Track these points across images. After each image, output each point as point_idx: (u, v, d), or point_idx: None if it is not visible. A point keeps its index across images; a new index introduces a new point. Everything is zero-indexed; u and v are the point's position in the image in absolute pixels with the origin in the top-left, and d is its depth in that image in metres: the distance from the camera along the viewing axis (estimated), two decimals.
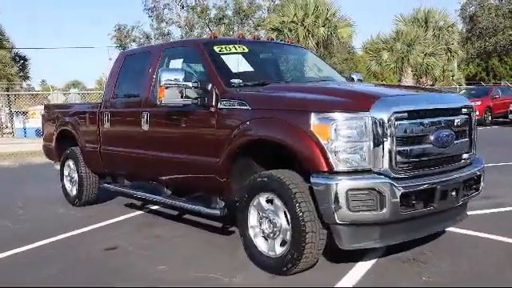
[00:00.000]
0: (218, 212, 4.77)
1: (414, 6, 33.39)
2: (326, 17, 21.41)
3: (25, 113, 27.03)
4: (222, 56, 5.09)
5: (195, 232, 5.72)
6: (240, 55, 5.19)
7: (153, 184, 6.01)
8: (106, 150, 6.37)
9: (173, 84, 4.65)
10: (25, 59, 33.92)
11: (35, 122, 29.15)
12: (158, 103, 4.74)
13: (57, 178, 9.44)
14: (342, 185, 3.69)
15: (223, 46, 5.21)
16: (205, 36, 36.40)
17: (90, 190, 7.17)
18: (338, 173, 3.75)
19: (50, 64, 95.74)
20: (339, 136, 3.74)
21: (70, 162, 7.42)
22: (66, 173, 7.56)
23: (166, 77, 4.64)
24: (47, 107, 8.24)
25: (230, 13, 35.91)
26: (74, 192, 7.36)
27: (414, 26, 26.81)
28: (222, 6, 35.17)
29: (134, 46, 38.82)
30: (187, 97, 4.74)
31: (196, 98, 4.77)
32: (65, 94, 30.25)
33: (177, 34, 38.97)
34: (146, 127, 5.54)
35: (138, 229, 5.94)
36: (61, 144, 7.67)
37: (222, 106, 4.61)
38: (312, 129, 3.80)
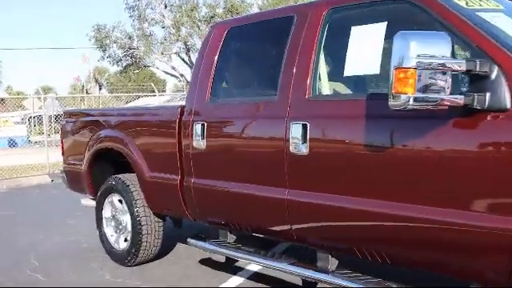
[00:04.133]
0: None
1: None
2: None
3: None
4: (479, 14, 2.67)
5: None
6: (500, 14, 2.80)
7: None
8: (199, 185, 3.83)
9: (433, 65, 2.21)
10: None
11: (8, 130, 26.09)
12: (400, 103, 2.25)
13: (70, 211, 6.93)
14: None
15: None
16: (194, 37, 33.81)
17: (152, 243, 4.61)
18: None
19: (14, 68, 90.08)
20: None
21: (115, 198, 4.84)
22: (106, 214, 4.97)
23: (418, 49, 2.19)
24: (71, 114, 5.59)
25: (220, 11, 33.39)
26: (123, 244, 4.78)
27: None
28: (213, 3, 32.62)
29: (114, 47, 35.88)
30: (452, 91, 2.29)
31: (468, 94, 2.33)
32: (40, 99, 27.22)
33: (160, 34, 36.25)
34: (302, 150, 3.05)
35: None
36: (97, 169, 5.09)
37: None
38: None
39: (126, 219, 4.71)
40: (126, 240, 4.78)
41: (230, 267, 4.58)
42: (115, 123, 4.74)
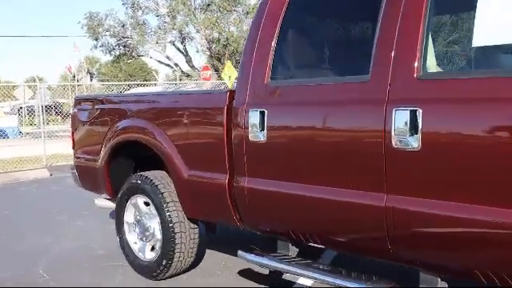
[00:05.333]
0: None
1: None
2: None
3: None
4: None
5: None
6: None
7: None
8: (255, 187, 3.11)
9: None
10: None
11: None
12: None
13: (76, 210, 6.27)
14: None
15: None
16: (190, 26, 32.88)
17: (186, 253, 3.90)
18: None
19: (1, 58, 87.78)
20: None
21: (140, 200, 4.10)
22: (128, 218, 4.23)
23: None
24: (84, 101, 4.82)
25: None
26: (150, 254, 4.06)
27: None
28: None
29: (107, 36, 34.95)
30: None
31: None
32: (31, 88, 26.30)
33: (153, 23, 35.34)
34: (412, 144, 2.34)
35: None
36: (117, 165, 4.35)
37: None
38: None
39: (154, 225, 3.99)
40: (152, 249, 4.07)
41: (276, 280, 3.89)
42: (142, 111, 4.00)
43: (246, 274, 4.10)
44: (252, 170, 3.12)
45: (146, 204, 4.06)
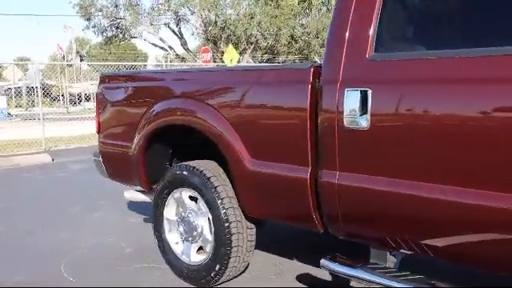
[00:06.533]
0: None
1: None
2: None
3: None
4: None
5: None
6: None
7: None
8: (349, 183, 2.53)
9: None
10: None
11: None
12: None
13: (89, 199, 5.85)
14: None
15: None
16: (185, 8, 31.97)
17: (242, 257, 3.34)
18: None
19: None
20: None
21: (185, 194, 3.52)
22: (169, 215, 3.65)
23: None
24: (112, 78, 4.19)
25: None
26: (196, 257, 3.50)
27: None
28: None
29: (99, 16, 33.96)
30: None
31: None
32: (19, 66, 25.46)
33: (147, 4, 34.44)
34: None
35: None
36: (154, 153, 3.76)
37: None
38: None
39: (203, 224, 3.42)
40: (199, 250, 3.50)
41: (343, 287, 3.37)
42: (193, 90, 3.38)
43: (305, 279, 3.57)
44: (347, 163, 2.54)
45: (192, 199, 3.48)
